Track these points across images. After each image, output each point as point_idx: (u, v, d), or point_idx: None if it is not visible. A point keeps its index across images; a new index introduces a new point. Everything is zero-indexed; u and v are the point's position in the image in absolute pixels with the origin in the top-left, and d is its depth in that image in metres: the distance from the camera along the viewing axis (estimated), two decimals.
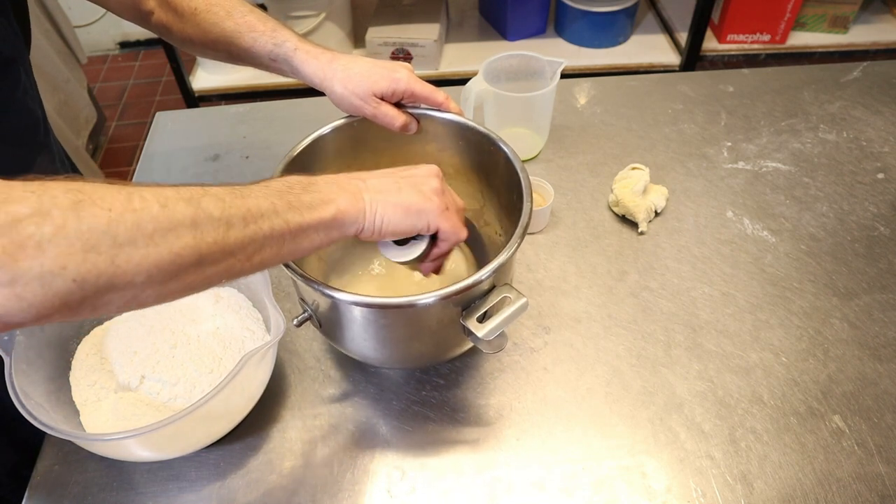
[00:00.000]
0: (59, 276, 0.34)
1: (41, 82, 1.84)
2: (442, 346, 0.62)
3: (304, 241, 0.46)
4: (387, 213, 0.49)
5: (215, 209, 0.40)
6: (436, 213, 0.51)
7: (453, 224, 0.53)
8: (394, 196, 0.50)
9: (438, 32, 2.03)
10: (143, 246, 0.36)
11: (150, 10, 0.70)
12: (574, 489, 0.61)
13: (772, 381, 0.68)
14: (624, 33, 2.13)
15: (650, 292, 0.77)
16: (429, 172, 0.53)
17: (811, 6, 2.09)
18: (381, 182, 0.51)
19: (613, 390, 0.68)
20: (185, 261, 0.39)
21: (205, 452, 0.64)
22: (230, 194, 0.42)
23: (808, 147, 0.95)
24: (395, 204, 0.50)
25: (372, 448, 0.64)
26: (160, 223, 0.37)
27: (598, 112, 1.01)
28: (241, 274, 0.43)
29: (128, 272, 0.36)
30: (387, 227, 0.50)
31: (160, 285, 0.38)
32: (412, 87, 0.65)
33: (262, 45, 0.67)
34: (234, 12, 0.68)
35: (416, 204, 0.50)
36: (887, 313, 0.74)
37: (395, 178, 0.52)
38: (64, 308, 0.35)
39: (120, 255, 0.36)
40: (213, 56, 0.71)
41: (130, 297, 0.37)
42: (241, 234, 0.41)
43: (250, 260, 0.43)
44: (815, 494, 0.60)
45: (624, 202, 0.83)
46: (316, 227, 0.46)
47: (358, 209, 0.48)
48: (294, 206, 0.45)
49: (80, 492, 0.62)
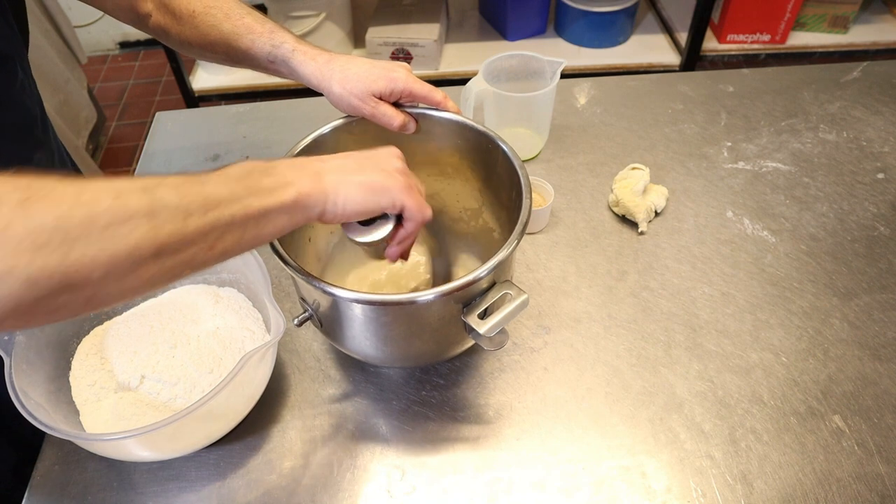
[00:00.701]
0: (8, 279, 0.32)
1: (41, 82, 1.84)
2: (443, 343, 0.62)
3: (267, 226, 0.45)
4: (349, 192, 0.49)
5: (172, 198, 0.39)
6: (399, 190, 0.51)
7: (418, 202, 0.52)
8: (356, 175, 0.50)
9: (438, 32, 2.03)
10: (97, 241, 0.35)
11: (148, 13, 0.70)
12: (574, 489, 0.61)
13: (772, 381, 0.68)
14: (624, 33, 2.13)
15: (650, 292, 0.77)
16: (390, 153, 0.53)
17: (811, 6, 2.09)
18: (343, 163, 0.50)
19: (613, 390, 0.68)
20: (143, 253, 0.37)
21: (205, 452, 0.64)
22: (187, 182, 0.41)
23: (808, 147, 0.95)
24: (358, 183, 0.49)
25: (372, 448, 0.64)
26: (114, 215, 0.36)
27: (598, 112, 1.01)
28: (205, 265, 0.42)
29: (82, 269, 0.35)
30: (351, 206, 0.49)
31: (119, 281, 0.37)
32: (410, 86, 0.65)
33: (261, 46, 0.67)
34: (232, 14, 0.68)
35: (379, 182, 0.50)
36: (887, 313, 0.74)
37: (357, 158, 0.52)
38: (16, 312, 0.33)
39: (72, 251, 0.34)
40: (212, 58, 0.71)
41: (89, 296, 0.36)
42: (201, 222, 0.40)
43: (212, 249, 0.42)
44: (815, 494, 0.60)
45: (624, 202, 0.83)
46: (278, 210, 0.45)
47: (320, 190, 0.48)
48: (254, 191, 0.44)
49: (80, 492, 0.62)
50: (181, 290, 0.71)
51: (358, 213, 0.50)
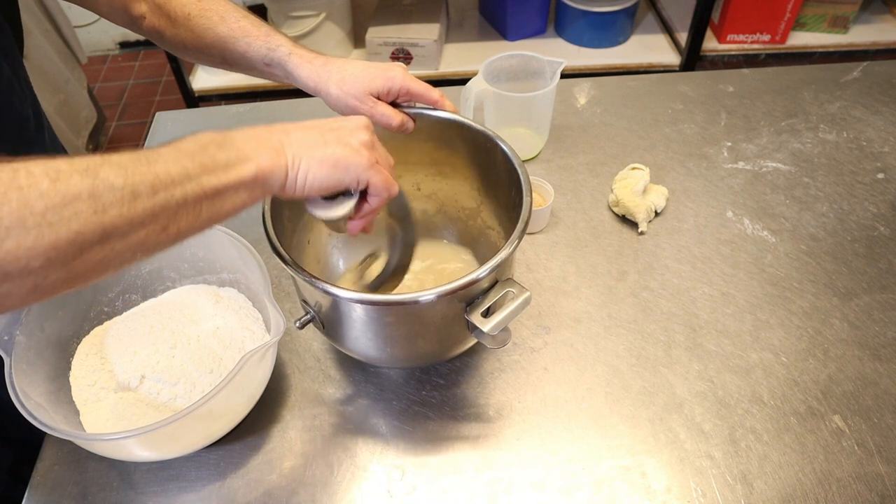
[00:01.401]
0: None
1: (41, 82, 1.84)
2: (445, 343, 0.62)
3: (225, 204, 0.43)
4: (311, 168, 0.47)
5: (116, 178, 0.37)
6: (364, 167, 0.49)
7: (384, 178, 0.51)
8: (319, 150, 0.48)
9: (438, 32, 2.03)
10: (35, 226, 0.33)
11: (142, 15, 0.70)
12: (574, 489, 0.61)
13: (772, 381, 0.68)
14: (624, 33, 2.13)
15: (650, 292, 0.77)
16: (357, 124, 0.51)
17: (811, 6, 2.09)
18: (306, 135, 0.48)
19: (613, 390, 0.68)
20: (87, 238, 0.36)
21: (205, 452, 0.64)
22: (134, 161, 0.39)
23: (808, 147, 0.95)
24: (321, 159, 0.47)
25: (372, 448, 0.64)
26: (52, 199, 0.34)
27: (598, 112, 1.01)
28: (160, 246, 0.41)
29: (20, 258, 0.33)
30: (312, 182, 0.48)
31: (64, 267, 0.35)
32: (407, 84, 0.65)
33: (257, 49, 0.66)
34: (228, 17, 0.67)
35: (343, 158, 0.48)
36: (887, 313, 0.74)
37: (321, 130, 0.49)
38: None
39: (7, 240, 0.33)
40: (207, 61, 0.71)
41: (33, 285, 0.35)
42: (150, 203, 0.38)
43: (166, 230, 0.40)
44: (815, 494, 0.60)
45: (624, 202, 0.83)
46: (236, 187, 0.43)
47: (280, 165, 0.46)
48: (209, 167, 0.42)
49: (80, 492, 0.62)
50: (181, 290, 0.71)
51: (320, 190, 0.49)
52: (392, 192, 0.52)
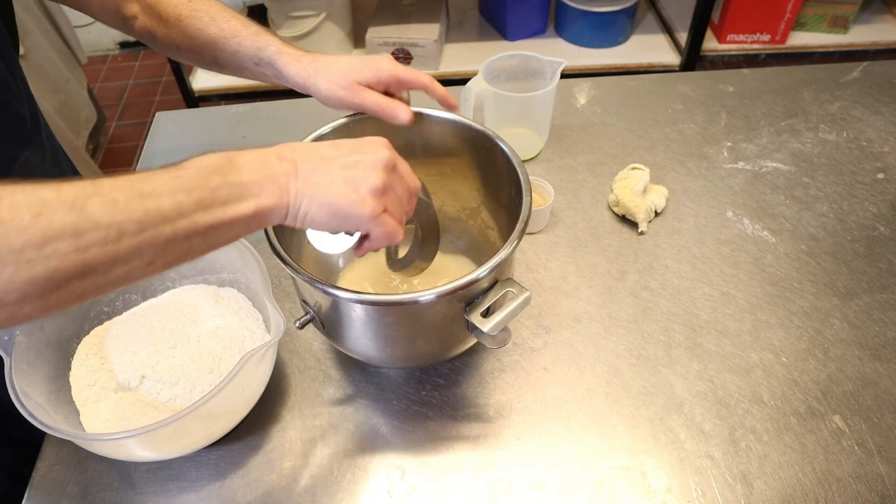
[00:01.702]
0: None
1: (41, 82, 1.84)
2: (445, 343, 0.62)
3: (218, 238, 0.42)
4: (311, 210, 0.45)
5: (104, 214, 0.36)
6: (366, 219, 0.46)
7: (386, 231, 0.48)
8: (323, 192, 0.45)
9: (438, 32, 2.03)
10: (12, 263, 0.33)
11: (134, 16, 0.70)
12: (574, 489, 0.61)
13: (772, 381, 0.68)
14: (624, 33, 2.13)
15: (650, 292, 0.77)
16: (374, 163, 0.47)
17: (811, 6, 2.09)
18: (316, 172, 0.46)
19: (613, 390, 0.68)
20: (66, 274, 0.35)
21: (205, 452, 0.64)
22: (126, 192, 0.37)
23: (808, 147, 0.95)
24: (322, 203, 0.45)
25: (372, 448, 0.64)
26: (32, 236, 0.33)
27: (598, 112, 1.01)
28: (146, 277, 0.40)
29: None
30: (311, 223, 0.46)
31: (40, 300, 0.35)
32: (396, 71, 0.64)
33: (247, 49, 0.66)
34: (218, 17, 0.67)
35: (344, 208, 0.46)
36: (887, 313, 0.74)
37: (333, 166, 0.46)
38: None
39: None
40: (199, 62, 0.71)
41: (7, 316, 0.35)
42: (136, 240, 0.37)
43: (152, 265, 0.39)
44: (815, 494, 0.60)
45: (624, 202, 0.83)
46: (230, 224, 0.42)
47: (282, 203, 0.44)
48: (205, 203, 0.40)
49: (80, 492, 0.62)
50: (181, 291, 0.71)
51: (318, 229, 0.48)
52: (393, 241, 0.49)
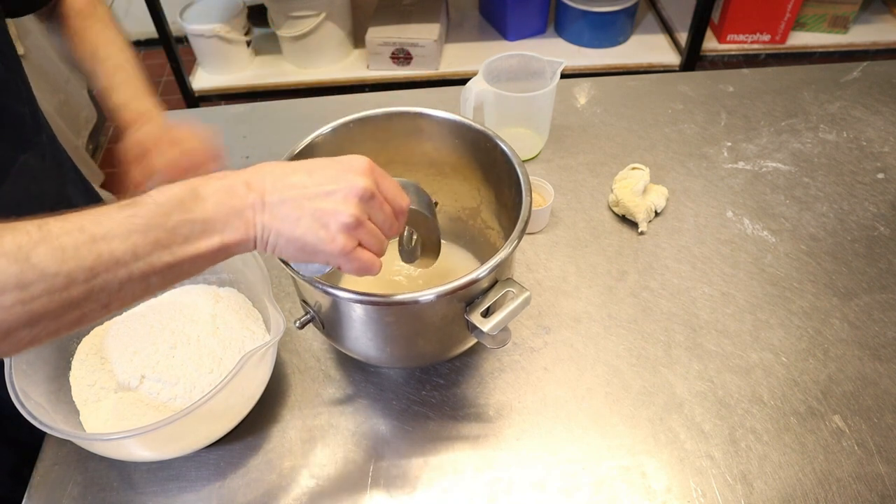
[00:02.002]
0: None
1: (41, 82, 1.84)
2: (445, 343, 0.62)
3: (180, 274, 0.41)
4: (279, 244, 0.43)
5: (51, 263, 0.34)
6: (335, 255, 0.44)
7: (359, 265, 0.45)
8: (290, 227, 0.43)
9: (438, 32, 2.03)
10: None
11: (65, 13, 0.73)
12: (574, 489, 0.61)
13: (772, 381, 0.68)
14: (624, 33, 2.13)
15: (650, 292, 0.77)
16: (347, 196, 0.43)
17: (811, 6, 2.09)
18: (284, 204, 0.43)
19: (613, 390, 0.68)
20: (13, 325, 0.34)
21: (205, 452, 0.64)
22: (75, 237, 0.36)
23: (808, 147, 0.95)
24: (290, 238, 0.43)
25: (372, 448, 0.64)
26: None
27: (598, 112, 1.01)
28: (100, 317, 0.39)
29: None
30: (280, 254, 0.45)
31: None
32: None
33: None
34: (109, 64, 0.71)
35: (312, 244, 0.43)
36: (887, 313, 0.74)
37: (303, 199, 0.43)
38: None
39: None
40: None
41: None
42: (87, 287, 0.36)
43: (107, 307, 0.38)
44: (815, 494, 0.60)
45: (624, 202, 0.83)
46: (192, 260, 0.40)
47: (248, 237, 0.42)
48: (163, 243, 0.38)
49: (80, 492, 0.62)
50: (181, 290, 0.71)
51: (291, 261, 0.47)
52: (371, 273, 0.46)
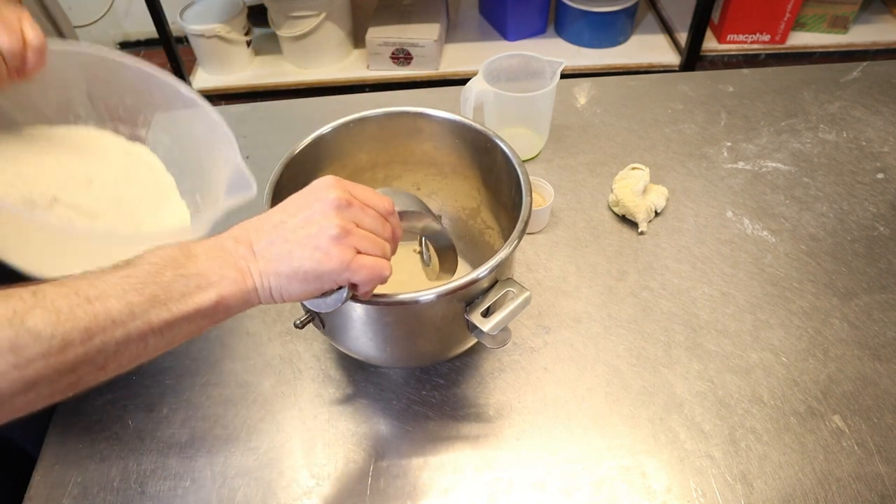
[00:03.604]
0: None
1: None
2: (445, 343, 0.62)
3: (179, 333, 0.40)
4: (282, 285, 0.43)
5: (45, 327, 0.34)
6: (339, 271, 0.43)
7: (367, 272, 0.44)
8: (286, 263, 0.42)
9: (438, 32, 2.03)
10: None
11: None
12: (574, 489, 0.61)
13: (772, 381, 0.68)
14: (624, 33, 2.13)
15: (650, 292, 0.77)
16: (325, 210, 0.43)
17: (811, 6, 2.09)
18: (272, 244, 0.43)
19: (613, 390, 0.68)
20: (7, 390, 0.34)
21: (204, 452, 0.64)
22: (70, 299, 0.35)
23: (807, 147, 0.95)
24: (290, 275, 0.42)
25: (372, 448, 0.64)
26: None
27: (598, 112, 1.01)
28: (97, 381, 0.38)
29: None
30: (289, 297, 0.44)
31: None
32: None
33: None
34: None
35: (312, 270, 0.42)
36: (887, 313, 0.74)
37: (287, 232, 0.43)
38: None
39: None
40: None
41: None
42: (83, 349, 0.35)
43: (104, 368, 0.37)
44: (815, 494, 0.60)
45: (624, 202, 0.83)
46: (192, 317, 0.39)
47: (247, 290, 0.42)
48: (160, 300, 0.38)
49: (80, 492, 0.62)
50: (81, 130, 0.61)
51: (302, 299, 0.45)
52: (382, 277, 0.46)
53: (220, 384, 0.69)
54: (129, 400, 0.68)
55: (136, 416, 0.67)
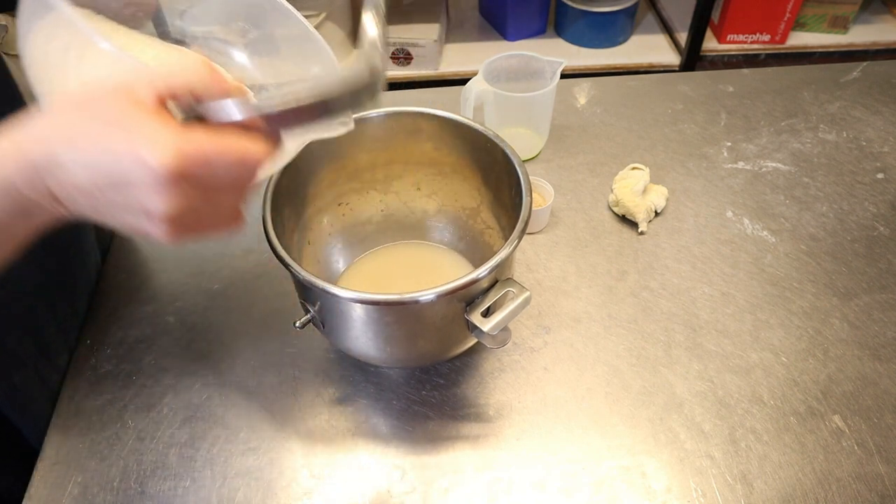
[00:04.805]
0: None
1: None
2: (445, 343, 0.62)
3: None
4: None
5: None
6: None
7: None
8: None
9: (438, 32, 2.03)
10: None
11: None
12: (574, 489, 0.61)
13: (772, 381, 0.68)
14: (624, 33, 2.13)
15: (650, 292, 0.77)
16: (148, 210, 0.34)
17: (811, 6, 2.09)
18: (78, 205, 0.36)
19: (613, 390, 0.68)
20: None
21: (204, 452, 0.64)
22: None
23: (807, 147, 0.95)
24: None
25: (372, 448, 0.64)
26: None
27: (598, 112, 1.01)
28: None
29: None
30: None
31: None
32: None
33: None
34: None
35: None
36: (887, 313, 0.74)
37: (96, 204, 0.35)
38: None
39: None
40: None
41: None
42: None
43: None
44: (815, 494, 0.60)
45: (624, 202, 0.83)
46: None
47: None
48: None
49: (80, 492, 0.62)
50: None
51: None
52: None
53: (220, 384, 0.69)
54: (129, 400, 0.68)
55: (136, 416, 0.67)
